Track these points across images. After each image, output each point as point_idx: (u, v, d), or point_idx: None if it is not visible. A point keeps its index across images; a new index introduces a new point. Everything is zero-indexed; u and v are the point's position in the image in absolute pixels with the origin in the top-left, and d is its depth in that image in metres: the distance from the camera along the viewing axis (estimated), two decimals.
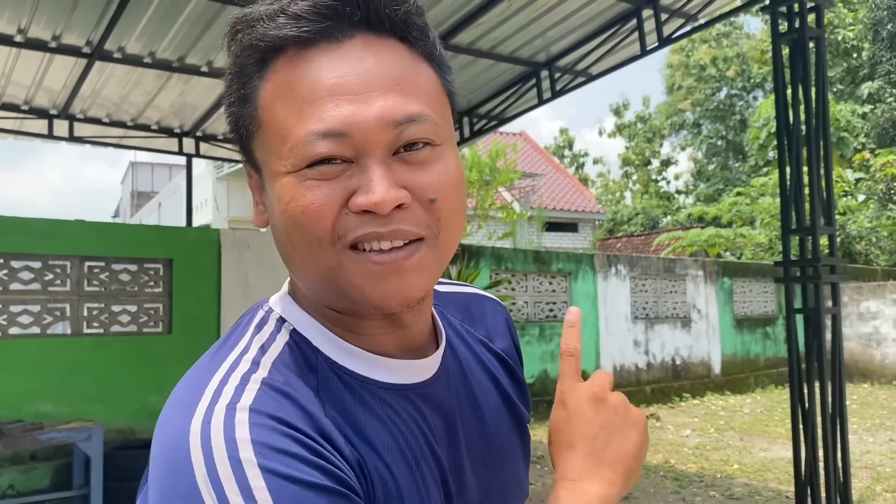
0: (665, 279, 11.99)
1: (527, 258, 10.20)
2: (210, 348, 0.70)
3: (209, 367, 0.65)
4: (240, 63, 0.66)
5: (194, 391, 0.62)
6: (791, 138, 4.59)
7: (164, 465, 0.58)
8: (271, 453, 0.55)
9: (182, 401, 0.63)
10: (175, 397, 0.65)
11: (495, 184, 10.41)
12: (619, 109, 44.93)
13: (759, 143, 20.81)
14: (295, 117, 0.62)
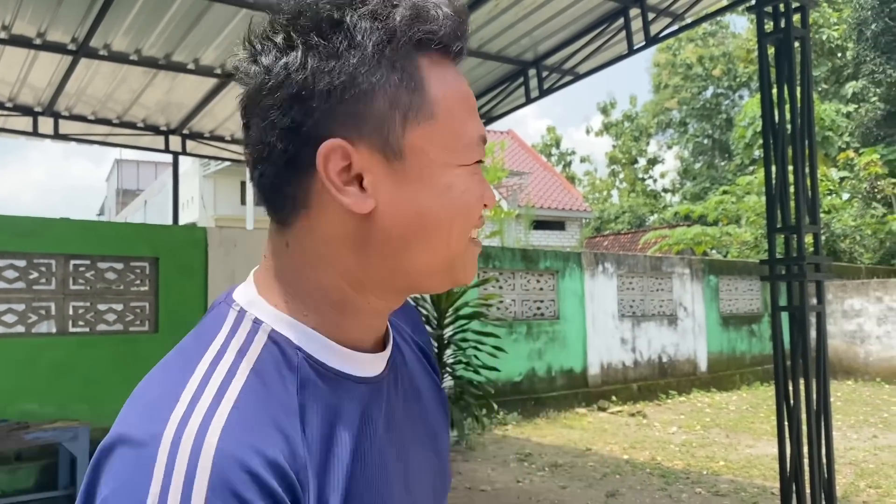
0: (652, 277, 12.05)
1: (514, 256, 10.22)
2: (177, 348, 0.67)
3: (182, 372, 0.62)
4: (406, 37, 0.64)
5: (166, 396, 0.60)
6: (776, 137, 4.63)
7: (119, 463, 0.56)
8: (226, 494, 0.54)
9: (154, 404, 0.60)
10: (146, 397, 0.62)
11: None
12: (606, 108, 45.09)
13: (744, 141, 20.95)
14: (466, 120, 0.69)
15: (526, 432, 8.98)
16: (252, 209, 19.44)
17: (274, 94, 0.63)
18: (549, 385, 10.25)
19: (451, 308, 8.00)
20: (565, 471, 6.94)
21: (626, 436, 8.60)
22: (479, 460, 7.47)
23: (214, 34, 5.92)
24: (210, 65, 6.55)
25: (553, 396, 10.18)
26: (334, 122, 0.64)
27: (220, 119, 7.99)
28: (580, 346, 10.71)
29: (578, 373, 10.63)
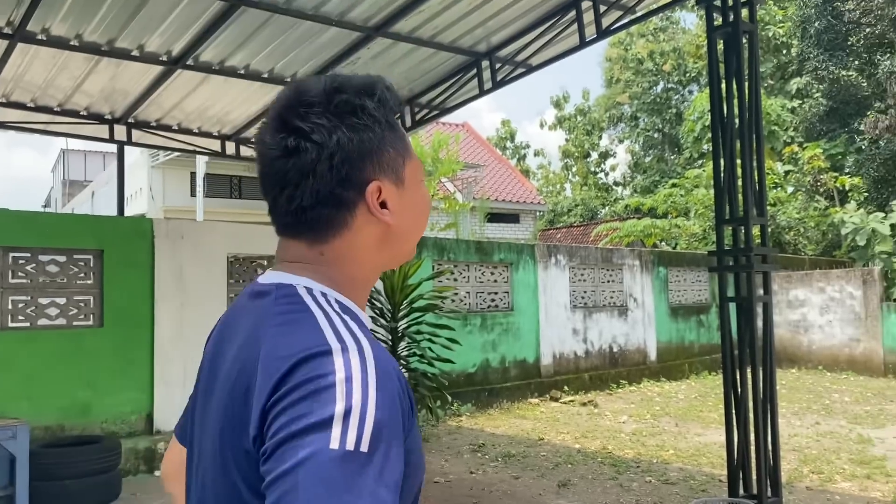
0: (603, 269, 12.20)
1: (469, 249, 10.23)
2: (280, 318, 0.88)
3: (313, 322, 0.87)
4: (394, 115, 0.99)
5: (322, 332, 0.84)
6: (725, 130, 4.71)
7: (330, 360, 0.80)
8: (388, 374, 0.83)
9: (322, 336, 0.83)
10: (309, 338, 0.83)
11: (438, 174, 10.33)
12: (559, 102, 45.39)
13: (693, 135, 21.35)
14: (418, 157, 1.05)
15: (480, 423, 9.01)
16: (202, 200, 19.04)
17: (331, 161, 0.91)
18: (502, 376, 10.30)
19: (406, 301, 7.95)
20: (518, 461, 6.98)
21: (577, 425, 8.70)
22: (433, 452, 7.46)
23: (159, 20, 5.74)
24: (155, 52, 6.36)
25: (507, 387, 10.24)
26: (371, 170, 0.94)
27: (167, 108, 7.78)
28: (533, 337, 10.79)
29: (531, 363, 10.71)
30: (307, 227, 0.94)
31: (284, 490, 0.72)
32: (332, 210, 0.93)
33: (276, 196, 0.95)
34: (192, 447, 1.02)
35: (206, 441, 0.94)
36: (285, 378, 0.79)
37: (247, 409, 0.82)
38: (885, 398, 10.20)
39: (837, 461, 6.56)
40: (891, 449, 7.02)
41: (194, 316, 7.42)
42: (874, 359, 12.74)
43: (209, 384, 0.97)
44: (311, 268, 0.95)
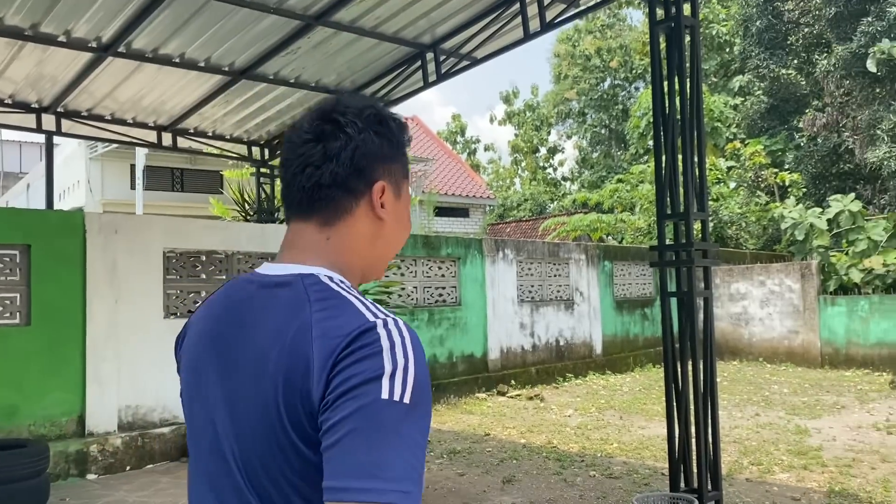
0: (550, 263, 12.25)
1: (416, 243, 10.12)
2: (322, 303, 1.00)
3: (351, 303, 1.00)
4: (407, 145, 1.17)
5: (364, 311, 0.99)
6: (667, 125, 4.70)
7: (386, 330, 0.95)
8: (417, 343, 0.98)
9: (366, 313, 0.98)
10: (355, 316, 0.97)
11: None
12: (508, 97, 45.60)
13: (639, 131, 21.64)
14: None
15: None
16: (141, 194, 18.45)
17: (354, 151, 1.08)
18: (450, 371, 10.24)
19: None
20: (463, 457, 6.93)
21: (524, 420, 8.70)
22: None
23: (86, 5, 5.47)
24: (83, 38, 6.06)
25: (454, 382, 10.19)
26: (381, 172, 1.11)
27: (99, 97, 7.44)
28: (481, 331, 10.75)
29: (479, 358, 10.68)
30: (320, 205, 1.09)
31: (346, 430, 0.88)
32: (342, 194, 1.09)
33: (295, 174, 1.10)
34: (193, 421, 1.13)
35: (222, 412, 1.05)
36: (344, 350, 0.93)
37: (307, 382, 0.94)
38: (821, 389, 10.48)
39: (776, 452, 6.68)
40: (826, 439, 7.19)
41: (129, 313, 7.15)
42: (811, 350, 13.11)
43: (225, 364, 1.07)
44: (321, 256, 1.09)
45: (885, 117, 15.79)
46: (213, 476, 1.07)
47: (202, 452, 1.10)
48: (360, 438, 0.87)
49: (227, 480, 1.04)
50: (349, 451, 0.88)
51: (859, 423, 7.91)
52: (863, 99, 17.29)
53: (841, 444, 6.97)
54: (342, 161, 1.07)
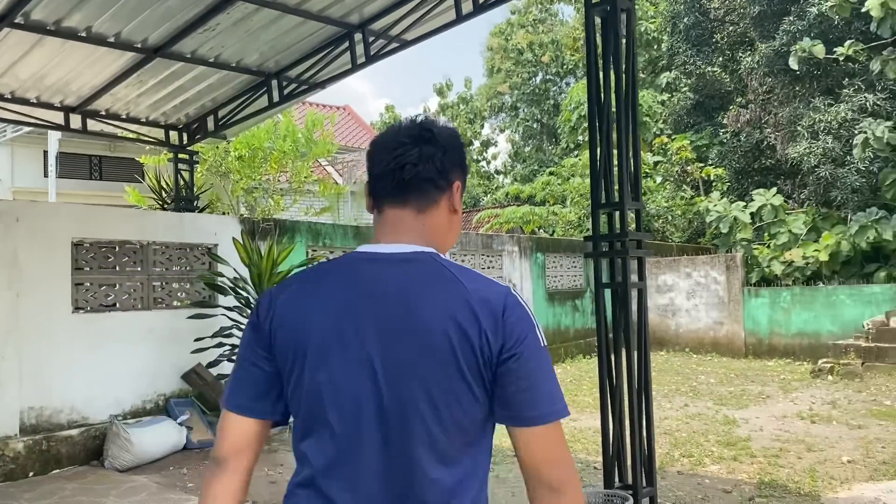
0: (483, 255, 12.12)
1: (346, 234, 9.80)
2: (457, 267, 1.35)
3: (478, 274, 1.36)
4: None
5: (491, 279, 1.36)
6: (602, 113, 4.57)
7: (516, 295, 1.33)
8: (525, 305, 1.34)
9: (494, 285, 1.33)
10: (489, 282, 1.34)
11: (312, 155, 9.82)
12: (442, 89, 45.38)
13: (570, 125, 21.77)
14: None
15: None
16: (54, 181, 17.44)
17: (443, 156, 1.39)
18: None
19: None
20: None
21: None
22: (281, 450, 7.03)
23: None
24: None
25: None
26: (457, 175, 1.44)
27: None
28: None
29: None
30: (415, 195, 1.36)
31: (529, 359, 1.27)
32: (431, 188, 1.38)
33: (393, 170, 1.36)
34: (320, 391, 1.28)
35: (381, 364, 1.26)
36: (504, 313, 1.26)
37: (479, 328, 1.24)
38: (746, 378, 10.70)
39: (706, 443, 6.70)
40: (754, 429, 7.27)
41: (32, 307, 6.62)
42: (736, 341, 13.41)
43: (385, 327, 1.27)
44: (420, 236, 1.37)
45: (805, 114, 16.28)
46: (380, 423, 1.26)
47: (349, 405, 1.27)
48: (542, 376, 1.28)
49: (403, 424, 1.25)
50: (538, 384, 1.27)
51: (784, 412, 8.05)
52: (784, 96, 17.80)
53: (768, 433, 7.05)
54: (435, 162, 1.38)
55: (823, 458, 6.04)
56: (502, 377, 1.26)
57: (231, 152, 10.18)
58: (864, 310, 11.84)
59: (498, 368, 1.26)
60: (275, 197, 10.02)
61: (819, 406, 8.29)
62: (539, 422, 1.29)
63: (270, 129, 9.97)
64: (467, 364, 1.24)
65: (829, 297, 12.39)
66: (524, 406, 1.27)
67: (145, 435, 6.76)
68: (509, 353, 1.25)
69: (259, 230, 8.54)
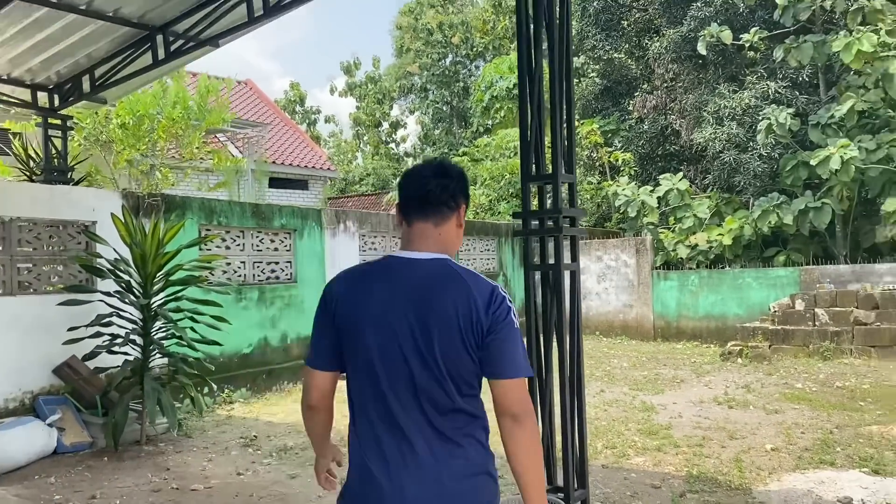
0: (395, 237, 11.56)
1: (245, 212, 8.99)
2: (464, 270, 1.90)
3: (477, 275, 1.89)
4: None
5: (488, 281, 1.89)
6: (533, 78, 4.10)
7: (501, 289, 1.86)
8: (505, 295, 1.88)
9: (488, 281, 1.88)
10: (484, 280, 1.88)
11: (205, 124, 8.89)
12: (350, 68, 44.29)
13: (482, 105, 21.41)
14: None
15: (255, 410, 7.96)
16: None
17: (455, 187, 1.98)
18: (284, 355, 9.28)
19: (161, 272, 6.64)
20: (296, 455, 6.08)
21: None
22: (194, 450, 6.31)
23: None
24: None
25: (288, 366, 9.25)
26: (463, 200, 2.01)
27: None
28: None
29: None
30: (434, 213, 1.95)
31: (505, 342, 1.80)
32: (445, 209, 1.97)
33: (419, 196, 1.96)
34: (370, 359, 1.84)
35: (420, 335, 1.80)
36: (491, 297, 1.81)
37: (478, 316, 1.78)
38: (657, 362, 10.64)
39: (627, 433, 6.43)
40: (673, 416, 7.07)
41: None
42: (645, 324, 13.45)
43: (422, 308, 1.82)
44: (438, 245, 1.94)
45: (711, 100, 16.52)
46: (412, 373, 1.81)
47: (392, 360, 1.83)
48: (512, 346, 1.81)
49: (427, 373, 1.80)
50: (510, 352, 1.81)
51: (700, 397, 7.93)
52: (689, 83, 18.04)
53: (688, 420, 6.87)
54: (449, 191, 1.97)
55: (747, 447, 5.87)
56: (488, 345, 1.79)
57: (113, 119, 9.11)
58: (769, 293, 12.05)
59: (485, 339, 1.79)
60: (163, 170, 9.02)
61: (734, 390, 8.23)
62: (511, 376, 1.80)
63: (158, 95, 8.95)
64: (467, 334, 1.78)
65: (736, 280, 12.56)
66: (502, 366, 1.80)
67: (5, 439, 5.86)
68: (494, 329, 1.79)
69: (144, 206, 7.65)
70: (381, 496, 1.81)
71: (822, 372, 9.14)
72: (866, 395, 7.69)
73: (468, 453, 1.84)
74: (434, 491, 1.79)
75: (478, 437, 1.87)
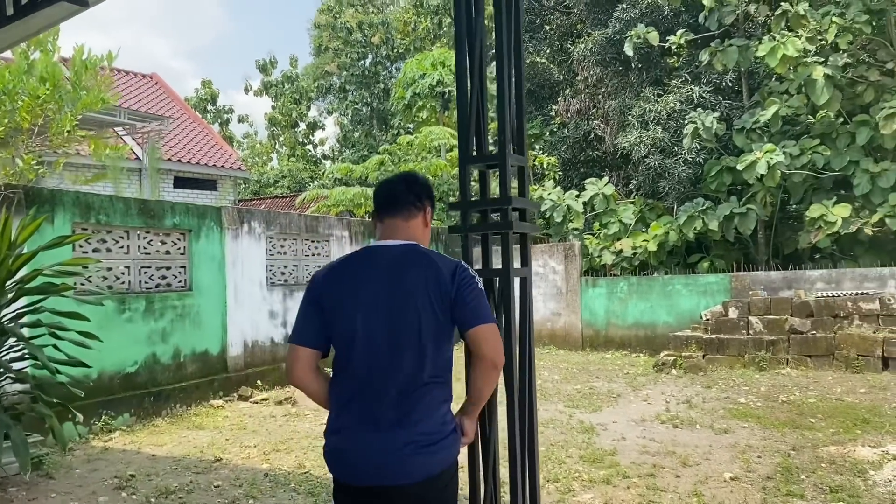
0: (308, 240, 10.54)
1: (129, 209, 7.78)
2: (431, 252, 2.33)
3: (445, 256, 2.35)
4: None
5: (451, 259, 2.33)
6: (473, 35, 3.27)
7: (466, 267, 2.32)
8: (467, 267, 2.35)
9: (450, 261, 2.31)
10: (448, 259, 2.32)
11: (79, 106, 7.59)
12: (265, 66, 42.74)
13: (404, 102, 20.53)
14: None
15: (138, 440, 6.80)
16: None
17: (423, 192, 2.48)
18: (176, 374, 8.12)
19: (12, 280, 5.45)
20: (178, 500, 5.02)
21: (269, 433, 6.94)
22: (53, 496, 5.16)
23: None
24: None
25: (181, 388, 8.10)
26: (429, 203, 2.49)
27: None
28: (219, 322, 8.74)
29: (216, 355, 8.67)
30: (402, 210, 2.37)
31: (473, 300, 2.23)
32: (413, 208, 2.39)
33: (390, 197, 2.41)
34: (354, 327, 2.20)
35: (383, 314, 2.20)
36: (455, 272, 2.23)
37: (445, 285, 2.18)
38: (590, 373, 10.02)
39: (569, 461, 5.67)
40: (616, 438, 6.38)
41: None
42: (573, 332, 12.87)
43: (394, 286, 2.22)
44: (407, 236, 2.35)
45: (635, 105, 16.23)
46: (392, 337, 2.18)
47: (375, 331, 2.19)
48: (481, 301, 2.23)
49: (407, 337, 2.17)
50: (481, 306, 2.22)
51: (641, 414, 7.29)
52: (613, 87, 17.73)
53: (633, 443, 6.18)
54: (415, 192, 2.41)
55: (703, 476, 5.21)
56: (460, 305, 2.21)
57: None
58: (699, 300, 11.67)
59: (455, 302, 2.21)
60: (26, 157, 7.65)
61: (675, 406, 7.64)
62: (481, 322, 2.23)
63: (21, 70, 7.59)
64: (436, 301, 2.20)
65: (666, 286, 12.14)
66: (472, 316, 2.22)
67: None
68: (461, 293, 2.21)
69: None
70: (353, 457, 2.16)
71: (762, 384, 8.70)
72: (814, 410, 7.23)
73: (432, 423, 2.19)
74: (396, 457, 2.12)
75: (443, 411, 2.25)
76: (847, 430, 6.39)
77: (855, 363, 9.22)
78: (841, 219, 11.86)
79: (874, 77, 12.97)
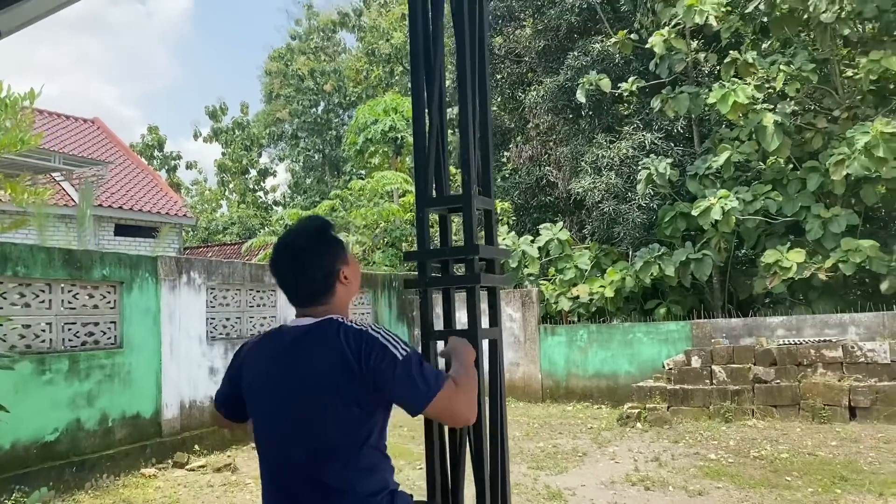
0: (253, 290, 9.93)
1: (52, 260, 7.11)
2: (334, 326, 1.96)
3: (355, 326, 1.95)
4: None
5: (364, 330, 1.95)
6: (430, 55, 2.89)
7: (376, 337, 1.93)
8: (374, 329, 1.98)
9: (353, 331, 1.93)
10: (348, 332, 1.92)
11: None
12: (215, 112, 42.17)
13: (356, 148, 20.17)
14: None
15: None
16: None
17: (332, 260, 2.06)
18: (103, 440, 7.38)
19: None
20: None
21: None
22: None
23: None
24: None
25: (109, 456, 7.34)
26: (342, 263, 2.08)
27: None
28: (152, 382, 8.04)
29: (149, 419, 7.94)
30: (314, 297, 2.06)
31: (396, 375, 1.85)
32: (327, 284, 2.06)
33: (289, 292, 2.10)
34: (260, 415, 2.02)
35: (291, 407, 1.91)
36: (362, 345, 1.87)
37: (352, 365, 1.84)
38: (552, 429, 9.56)
39: None
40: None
41: None
42: (533, 383, 12.42)
43: (290, 381, 1.92)
44: (329, 310, 2.04)
45: (588, 151, 16.20)
46: (296, 434, 1.90)
47: (277, 428, 1.95)
48: (407, 372, 1.88)
49: (313, 435, 1.89)
50: (408, 382, 1.87)
51: (610, 475, 6.83)
52: (565, 134, 17.71)
53: None
54: (322, 267, 2.07)
55: None
56: (381, 386, 1.86)
57: None
58: (661, 348, 11.39)
59: (378, 387, 1.86)
60: None
61: (644, 464, 7.22)
62: (424, 401, 1.87)
63: None
64: (350, 393, 1.86)
65: (626, 335, 11.83)
66: (410, 397, 1.86)
67: None
68: (380, 377, 1.85)
69: None
70: None
71: (730, 437, 8.36)
72: (788, 466, 6.89)
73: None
74: None
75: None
76: (826, 490, 6.04)
77: (822, 413, 8.98)
78: (796, 264, 11.81)
79: (822, 124, 13.16)
